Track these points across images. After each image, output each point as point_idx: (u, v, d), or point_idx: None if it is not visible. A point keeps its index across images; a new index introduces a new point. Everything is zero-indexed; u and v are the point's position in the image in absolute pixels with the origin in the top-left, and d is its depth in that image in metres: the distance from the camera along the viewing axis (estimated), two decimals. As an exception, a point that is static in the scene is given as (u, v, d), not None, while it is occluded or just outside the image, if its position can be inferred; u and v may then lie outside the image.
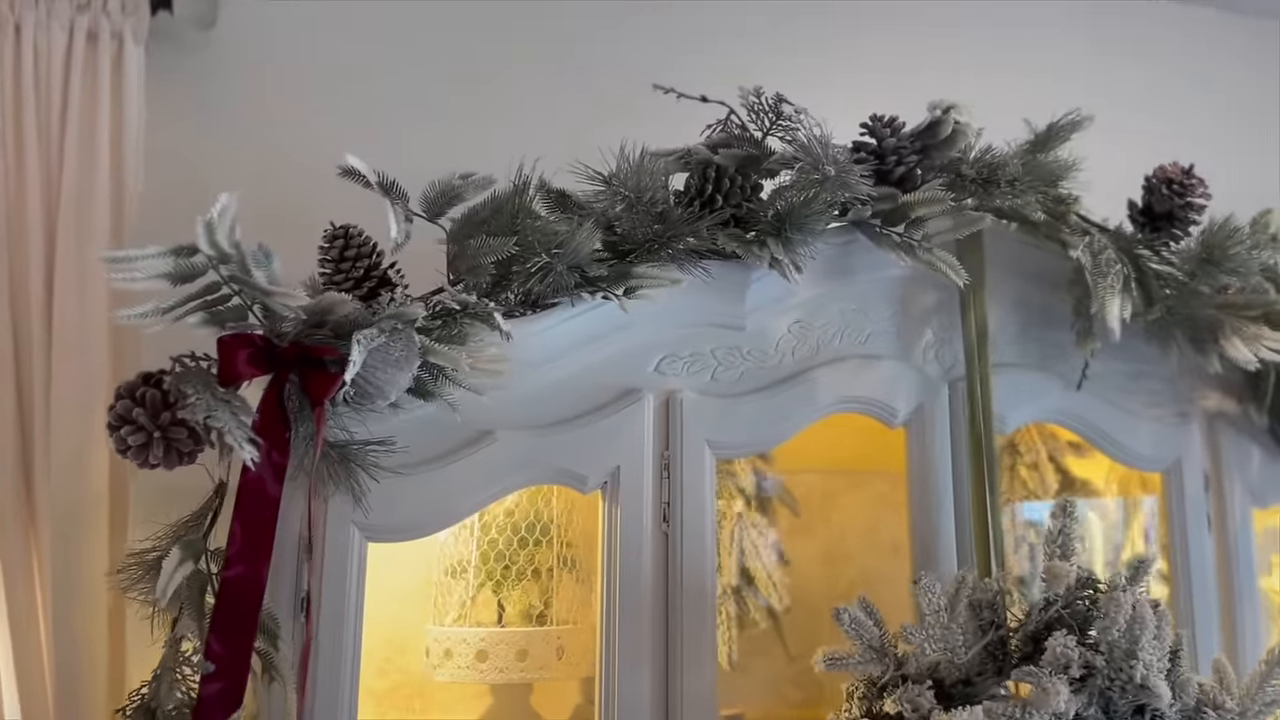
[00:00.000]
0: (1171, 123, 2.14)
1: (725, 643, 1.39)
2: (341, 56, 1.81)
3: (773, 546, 1.44)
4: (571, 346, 1.23)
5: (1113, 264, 1.30)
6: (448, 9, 1.90)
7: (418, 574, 1.40)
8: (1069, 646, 1.11)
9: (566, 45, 1.93)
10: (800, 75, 1.98)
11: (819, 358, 1.35)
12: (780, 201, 1.22)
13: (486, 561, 1.32)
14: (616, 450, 1.23)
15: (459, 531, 1.34)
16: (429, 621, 1.35)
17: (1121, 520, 1.63)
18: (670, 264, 1.22)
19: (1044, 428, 1.57)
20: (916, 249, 1.28)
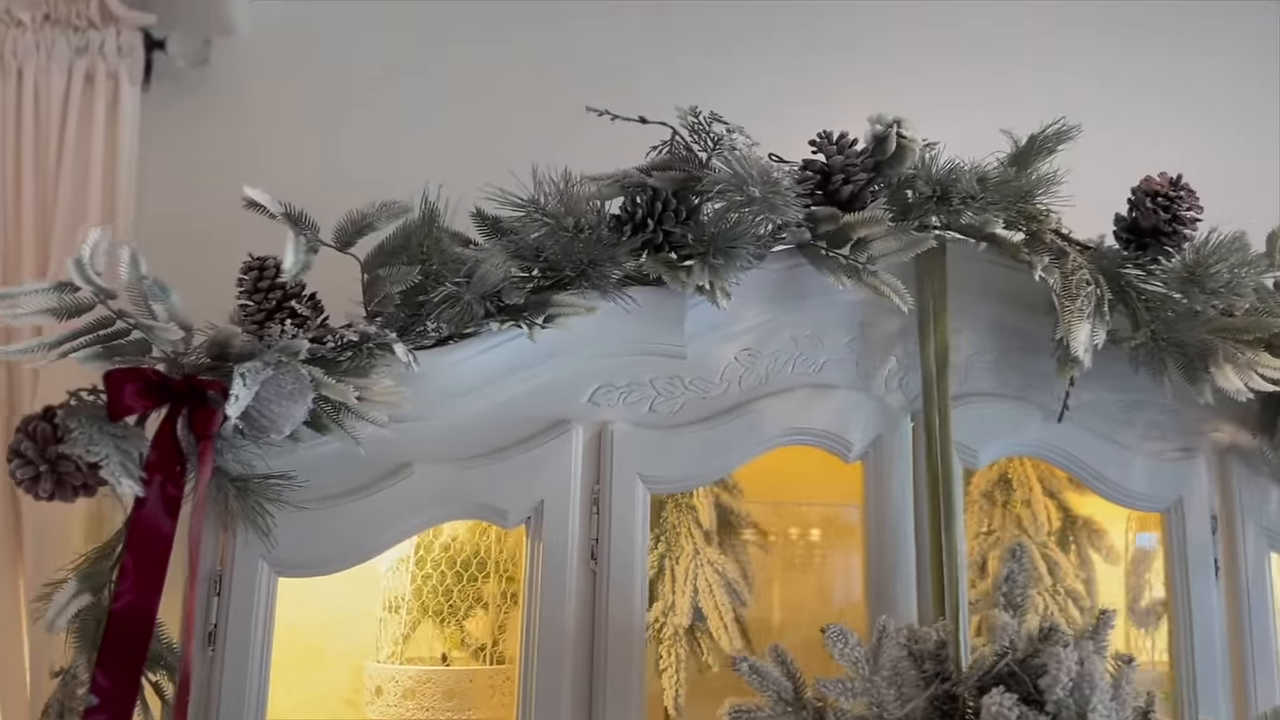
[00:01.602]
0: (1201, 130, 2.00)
1: (672, 686, 1.32)
2: (332, 89, 1.84)
3: (728, 585, 1.37)
4: (495, 376, 1.20)
5: (1084, 285, 1.19)
6: (436, 43, 1.91)
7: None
8: (1006, 707, 1.01)
9: (558, 74, 1.92)
10: (807, 81, 1.96)
11: (767, 387, 1.27)
12: (710, 225, 1.16)
13: (420, 597, 1.29)
14: (540, 484, 1.19)
15: (397, 566, 1.31)
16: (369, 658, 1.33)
17: (1133, 562, 1.49)
18: (594, 291, 1.18)
19: (1040, 462, 1.45)
20: (862, 272, 1.20)
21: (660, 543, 1.41)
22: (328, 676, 1.44)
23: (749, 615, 1.46)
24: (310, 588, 1.45)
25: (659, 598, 1.38)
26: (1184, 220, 1.22)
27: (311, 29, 1.88)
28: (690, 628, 1.35)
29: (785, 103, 1.87)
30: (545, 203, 1.17)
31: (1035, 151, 1.30)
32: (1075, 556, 1.49)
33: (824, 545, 1.55)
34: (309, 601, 1.45)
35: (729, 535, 1.45)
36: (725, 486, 1.44)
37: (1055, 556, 1.45)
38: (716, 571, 1.36)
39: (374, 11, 1.90)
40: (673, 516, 1.41)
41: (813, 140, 1.26)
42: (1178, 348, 1.22)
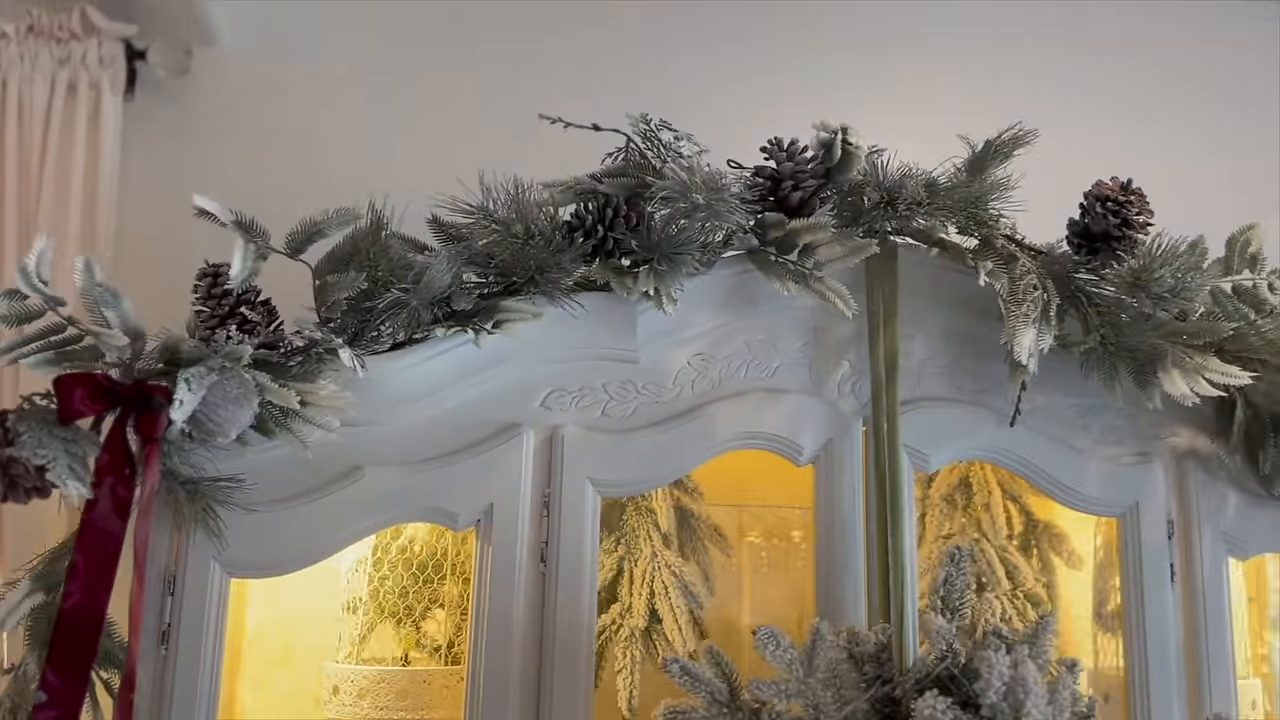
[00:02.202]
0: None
1: (626, 687, 1.34)
2: (312, 97, 1.87)
3: (684, 587, 1.38)
4: (446, 381, 1.22)
5: (1031, 291, 1.20)
6: (417, 51, 1.93)
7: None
8: (939, 710, 1.01)
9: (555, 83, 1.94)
10: (807, 82, 1.97)
11: (720, 391, 1.29)
12: (655, 232, 1.18)
13: (377, 598, 1.31)
14: (490, 487, 1.20)
15: (356, 568, 1.33)
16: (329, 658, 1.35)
17: (1100, 566, 1.48)
18: (543, 297, 1.19)
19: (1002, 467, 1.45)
20: (808, 278, 1.21)
21: (620, 545, 1.42)
22: (296, 676, 1.46)
23: (713, 617, 1.48)
24: (279, 589, 1.48)
25: (617, 599, 1.39)
26: (1134, 225, 1.22)
27: (292, 38, 1.91)
28: (647, 629, 1.36)
29: (785, 103, 1.90)
30: (495, 209, 1.18)
31: (991, 157, 1.31)
32: (1037, 561, 1.49)
33: (788, 548, 1.56)
34: (278, 602, 1.48)
35: (690, 538, 1.46)
36: (685, 490, 1.46)
37: (1015, 560, 1.45)
38: (673, 574, 1.37)
39: (353, 20, 1.93)
40: (632, 520, 1.42)
41: (763, 147, 1.27)
42: (1128, 353, 1.22)
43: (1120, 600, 1.32)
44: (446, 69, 1.93)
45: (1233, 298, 1.35)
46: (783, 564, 1.60)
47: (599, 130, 1.29)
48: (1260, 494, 1.33)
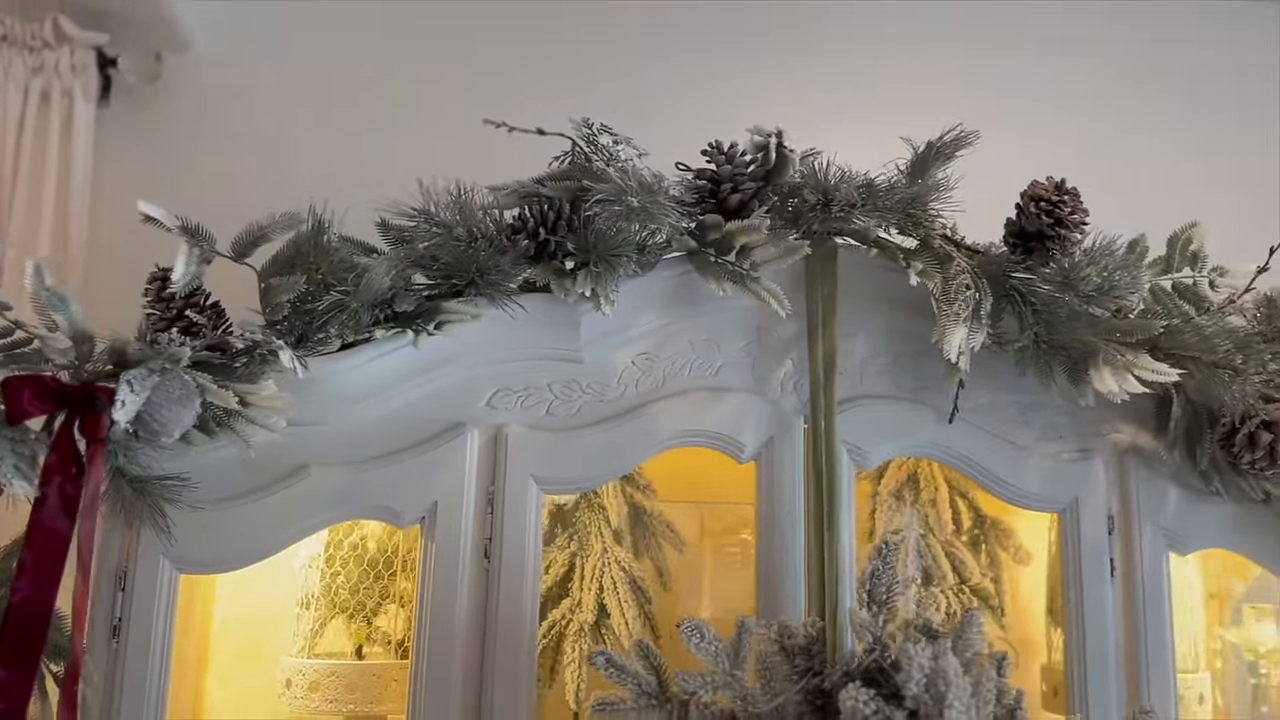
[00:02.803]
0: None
1: (574, 680, 1.36)
2: (285, 102, 1.90)
3: (633, 583, 1.40)
4: (392, 382, 1.24)
5: (964, 290, 1.22)
6: (388, 52, 1.96)
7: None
8: (861, 701, 1.04)
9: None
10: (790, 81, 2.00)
11: (663, 390, 1.31)
12: (591, 234, 1.20)
13: (329, 594, 1.34)
14: (435, 485, 1.23)
15: (309, 564, 1.36)
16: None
17: (1054, 561, 1.50)
18: (484, 299, 1.22)
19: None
20: (745, 278, 1.23)
21: (573, 542, 1.45)
22: (262, 671, 1.49)
23: (671, 612, 1.50)
24: (245, 586, 1.52)
25: (568, 595, 1.42)
26: (1068, 224, 1.23)
27: (263, 42, 1.94)
28: (596, 624, 1.38)
29: (766, 104, 1.92)
30: (436, 213, 1.21)
31: (933, 158, 1.33)
32: (985, 556, 1.51)
33: (750, 544, 1.58)
34: (244, 599, 1.52)
35: (643, 535, 1.49)
36: (637, 487, 1.48)
37: (961, 555, 1.47)
38: (623, 569, 1.40)
39: (325, 24, 1.96)
40: (584, 516, 1.45)
41: (704, 150, 1.29)
42: (1061, 350, 1.24)
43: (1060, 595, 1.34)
44: (419, 71, 1.96)
45: (1172, 295, 1.37)
46: (744, 560, 1.62)
47: (543, 134, 1.31)
48: (1200, 489, 1.35)
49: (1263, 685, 1.52)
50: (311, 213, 1.19)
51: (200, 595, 1.49)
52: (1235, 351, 1.21)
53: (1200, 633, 1.59)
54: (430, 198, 1.21)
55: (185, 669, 1.48)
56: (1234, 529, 1.35)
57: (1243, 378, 1.19)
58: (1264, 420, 1.24)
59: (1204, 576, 1.70)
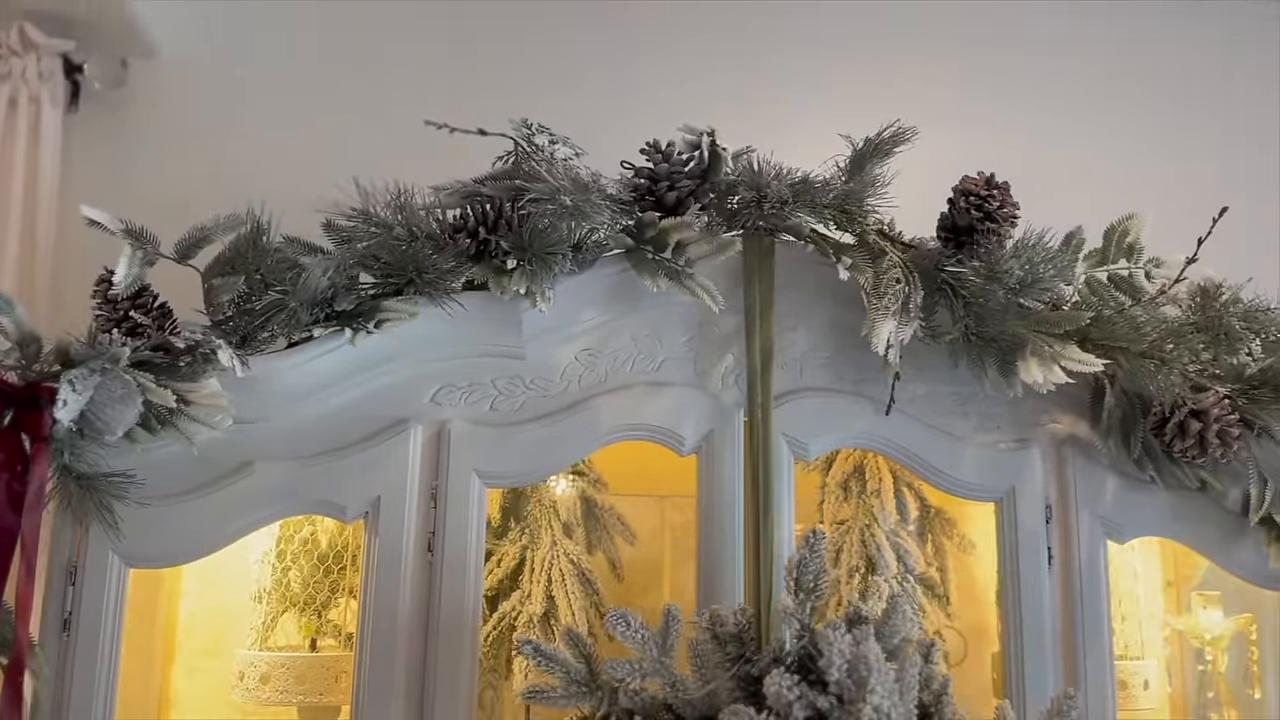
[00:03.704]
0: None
1: (522, 672, 1.39)
2: (252, 106, 1.93)
3: (581, 576, 1.43)
4: (335, 379, 1.27)
5: (894, 284, 1.24)
6: (355, 53, 1.99)
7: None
8: (785, 686, 1.06)
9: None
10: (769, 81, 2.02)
11: (605, 385, 1.33)
12: (525, 232, 1.22)
13: (280, 588, 1.36)
14: (378, 480, 1.26)
15: (262, 559, 1.39)
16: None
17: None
18: (424, 297, 1.24)
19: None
20: (680, 274, 1.26)
21: (525, 535, 1.47)
22: (226, 664, 1.52)
23: (628, 604, 1.52)
24: (210, 581, 1.55)
25: (519, 588, 1.45)
26: (996, 218, 1.25)
27: (229, 45, 1.96)
28: (545, 616, 1.41)
29: (745, 103, 1.96)
30: (376, 212, 1.24)
31: (871, 155, 1.35)
32: (931, 546, 1.53)
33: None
34: (210, 594, 1.55)
35: (595, 528, 1.51)
36: (588, 480, 1.51)
37: (906, 545, 1.49)
38: (571, 562, 1.43)
39: (290, 28, 1.98)
40: (535, 510, 1.47)
41: (642, 149, 1.31)
42: (991, 342, 1.26)
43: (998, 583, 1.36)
44: (385, 73, 1.98)
45: (1108, 286, 1.39)
46: (685, 553, 1.64)
47: (485, 135, 1.34)
48: (1139, 478, 1.37)
49: (1209, 672, 1.54)
50: (250, 214, 1.21)
51: (166, 589, 1.53)
52: (1162, 341, 1.23)
53: (1149, 620, 1.61)
54: (369, 198, 1.23)
55: (151, 662, 1.52)
56: (1172, 517, 1.37)
57: (1168, 367, 1.21)
58: (1193, 409, 1.25)
59: (1162, 564, 1.72)
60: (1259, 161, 2.12)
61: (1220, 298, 1.34)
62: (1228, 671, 1.54)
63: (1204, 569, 1.63)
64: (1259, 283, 1.43)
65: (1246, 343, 1.31)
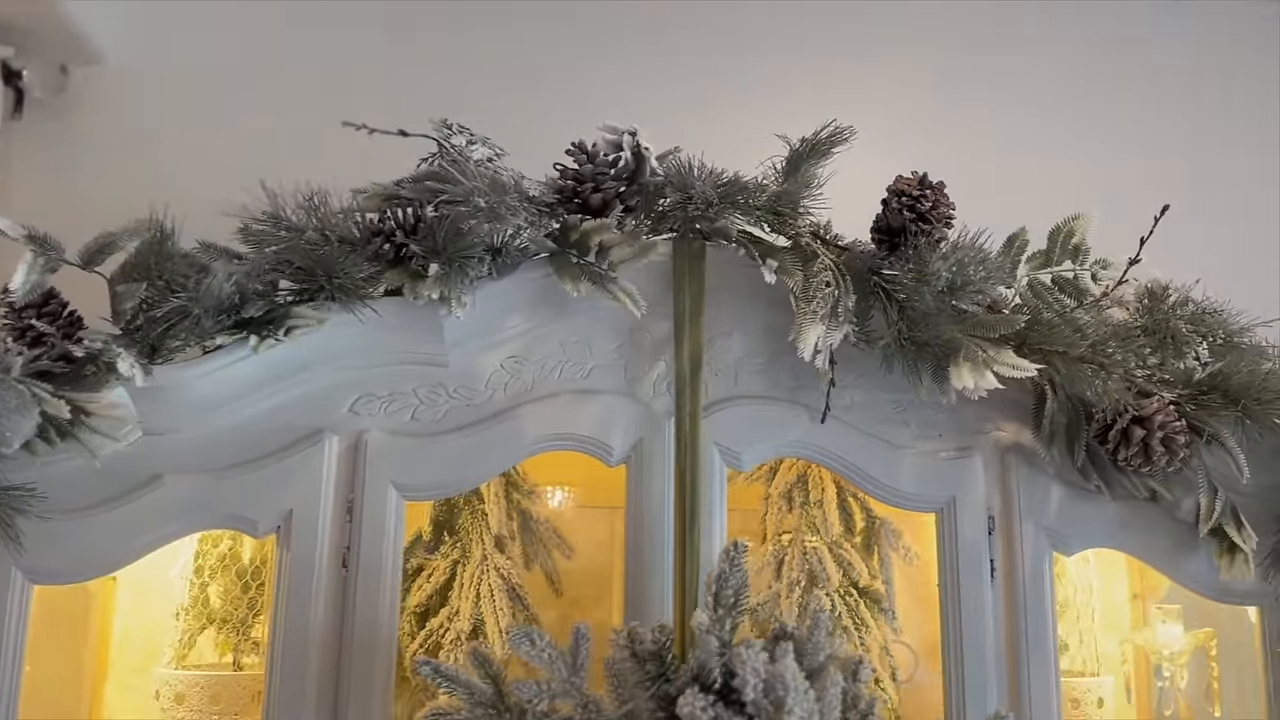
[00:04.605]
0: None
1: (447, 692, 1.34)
2: (197, 111, 1.90)
3: (511, 591, 1.38)
4: (249, 389, 1.23)
5: (823, 287, 1.20)
6: (302, 54, 1.96)
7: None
8: (698, 706, 1.01)
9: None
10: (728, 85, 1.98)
11: (532, 394, 1.29)
12: (438, 236, 1.18)
13: (198, 604, 1.32)
14: (290, 494, 1.22)
15: (184, 574, 1.35)
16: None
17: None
18: (336, 303, 1.20)
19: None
20: (604, 279, 1.22)
21: (457, 548, 1.43)
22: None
23: (573, 617, 1.48)
24: (144, 595, 1.51)
25: (448, 603, 1.40)
26: (930, 219, 1.21)
27: (175, 53, 1.93)
28: (473, 633, 1.36)
29: (707, 107, 1.92)
30: (286, 215, 1.20)
31: (807, 155, 1.31)
32: (878, 558, 1.48)
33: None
34: (144, 609, 1.51)
35: (531, 541, 1.47)
36: (522, 492, 1.46)
37: (850, 557, 1.44)
38: (501, 577, 1.38)
39: (235, 32, 1.95)
40: (467, 522, 1.43)
41: (568, 149, 1.27)
42: (925, 347, 1.21)
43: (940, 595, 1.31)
44: (330, 78, 1.95)
45: (1052, 289, 1.34)
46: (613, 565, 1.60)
47: (406, 136, 1.30)
48: (1085, 487, 1.32)
49: (1168, 688, 1.49)
50: (153, 218, 1.18)
51: (100, 604, 1.49)
52: (1103, 345, 1.19)
53: (1111, 634, 1.56)
54: (278, 200, 1.19)
55: (82, 678, 1.48)
56: (1121, 528, 1.32)
57: (1108, 372, 1.17)
58: (1135, 416, 1.21)
59: (1128, 576, 1.67)
60: (1226, 162, 2.07)
61: (1168, 299, 1.29)
62: (1188, 688, 1.49)
63: (1169, 582, 1.58)
64: (1224, 284, 1.38)
65: (1193, 346, 1.26)
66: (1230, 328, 1.29)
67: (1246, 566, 1.26)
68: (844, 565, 1.44)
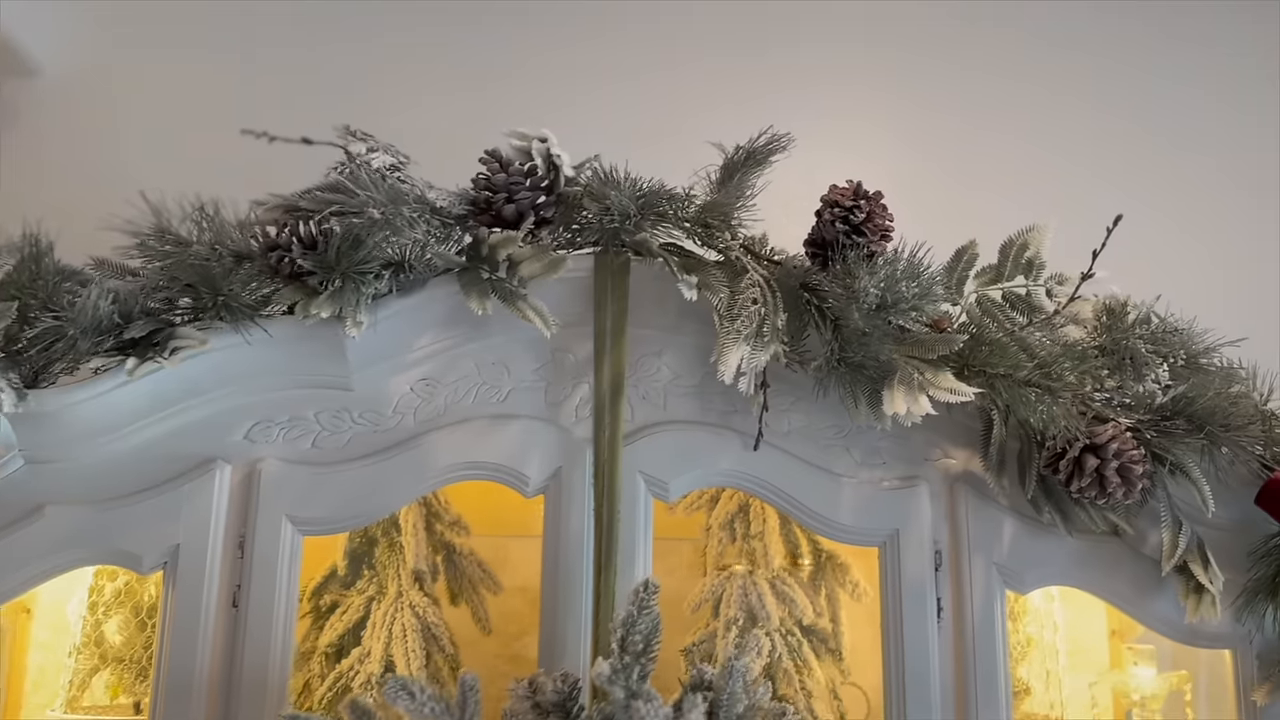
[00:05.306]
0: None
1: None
2: (137, 125, 1.83)
3: (426, 630, 1.29)
4: (139, 414, 1.15)
5: (749, 305, 1.11)
6: (244, 64, 1.89)
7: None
8: (592, 765, 0.92)
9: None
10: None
11: (444, 419, 1.21)
12: (332, 251, 1.10)
13: (92, 643, 1.24)
14: (178, 527, 1.14)
15: (77, 611, 1.27)
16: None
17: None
18: (223, 322, 1.12)
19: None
20: (514, 296, 1.13)
21: (372, 584, 1.34)
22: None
23: (498, 657, 1.40)
24: (62, 630, 1.42)
25: (359, 643, 1.31)
26: (864, 232, 1.12)
27: (115, 67, 1.87)
28: (384, 675, 1.27)
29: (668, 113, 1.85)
30: (173, 229, 1.12)
31: (743, 163, 1.23)
32: (825, 594, 1.39)
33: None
34: (62, 645, 1.42)
35: (457, 577, 1.38)
36: (445, 523, 1.37)
37: (793, 594, 1.35)
38: (416, 615, 1.29)
39: (176, 45, 1.89)
40: (384, 557, 1.34)
41: (481, 158, 1.19)
42: (859, 369, 1.12)
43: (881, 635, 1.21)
44: (278, 83, 1.88)
45: (1003, 306, 1.25)
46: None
47: (310, 144, 1.22)
48: (1040, 519, 1.22)
49: (1138, 733, 1.38)
50: (28, 235, 1.10)
51: (15, 641, 1.41)
52: (1050, 366, 1.09)
53: (1075, 675, 1.46)
54: (161, 213, 1.11)
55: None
56: (1079, 564, 1.22)
57: (1053, 395, 1.07)
58: (1089, 444, 1.11)
59: (1107, 613, 1.56)
60: (1204, 171, 1.98)
61: (1127, 317, 1.19)
62: (1162, 734, 1.39)
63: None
64: (1197, 301, 1.28)
65: (1153, 368, 1.16)
66: (1193, 348, 1.19)
67: (1213, 608, 1.16)
68: (787, 602, 1.34)
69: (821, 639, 1.35)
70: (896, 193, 1.80)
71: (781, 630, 1.33)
